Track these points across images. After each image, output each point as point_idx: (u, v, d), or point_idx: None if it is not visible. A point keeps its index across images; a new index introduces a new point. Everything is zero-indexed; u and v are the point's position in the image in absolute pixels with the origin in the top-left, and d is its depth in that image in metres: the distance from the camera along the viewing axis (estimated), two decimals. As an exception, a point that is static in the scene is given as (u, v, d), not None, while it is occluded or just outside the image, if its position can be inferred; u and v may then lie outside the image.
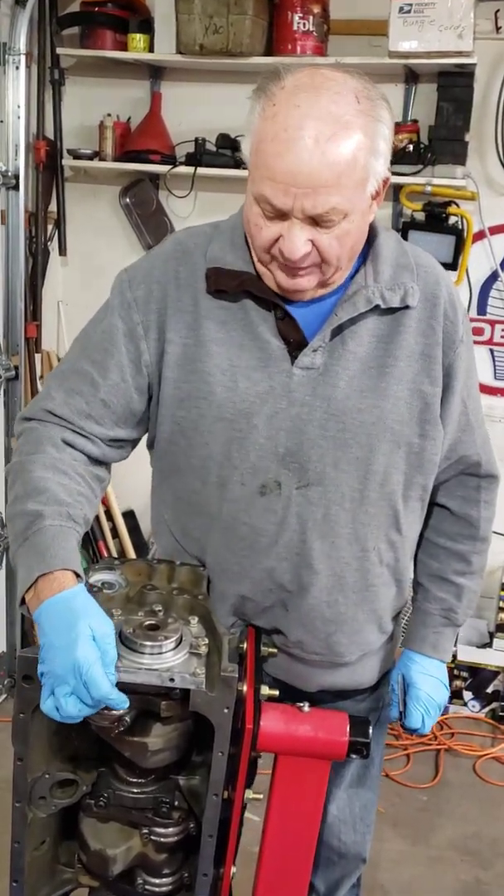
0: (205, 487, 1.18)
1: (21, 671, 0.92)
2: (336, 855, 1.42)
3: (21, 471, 1.10)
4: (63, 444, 1.14)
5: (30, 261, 2.88)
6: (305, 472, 1.15)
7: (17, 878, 1.02)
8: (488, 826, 2.40)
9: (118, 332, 1.17)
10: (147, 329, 1.16)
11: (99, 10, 2.71)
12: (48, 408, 1.16)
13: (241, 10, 2.47)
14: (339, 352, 1.13)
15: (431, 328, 1.17)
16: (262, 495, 1.16)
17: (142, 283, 1.18)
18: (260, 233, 1.07)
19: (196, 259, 1.17)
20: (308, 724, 1.08)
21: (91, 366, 1.16)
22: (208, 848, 1.00)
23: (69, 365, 1.19)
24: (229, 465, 1.16)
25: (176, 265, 1.17)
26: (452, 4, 2.38)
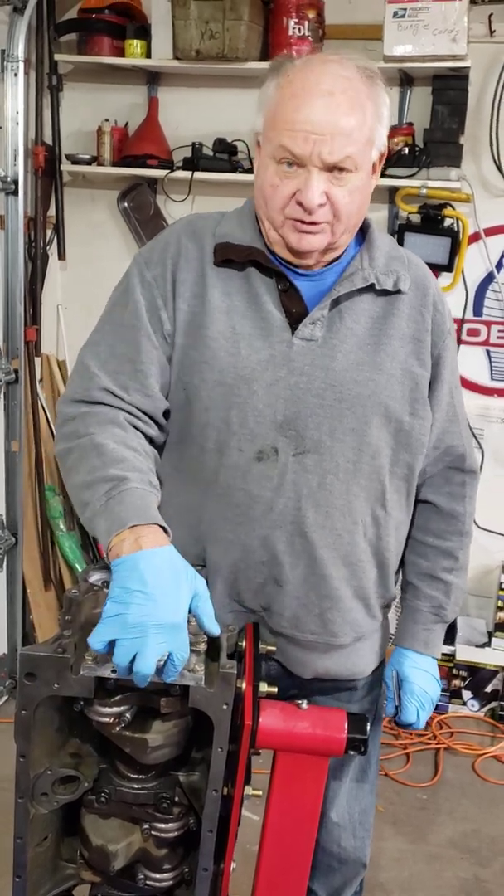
0: (203, 454, 1.22)
1: (24, 668, 0.93)
2: (336, 861, 1.42)
3: (93, 446, 1.11)
4: (126, 422, 1.16)
5: (29, 265, 2.89)
6: (302, 439, 1.19)
7: (20, 874, 1.03)
8: (487, 824, 2.41)
9: (142, 308, 1.22)
10: (165, 300, 1.22)
11: (96, 16, 2.73)
12: (99, 386, 1.18)
13: (237, 15, 2.50)
14: (337, 326, 1.20)
15: (421, 315, 1.25)
16: (258, 461, 1.19)
17: (158, 262, 1.24)
18: (276, 192, 1.15)
19: (205, 238, 1.24)
20: (306, 721, 1.09)
21: (125, 346, 1.21)
22: (208, 843, 1.01)
23: (105, 348, 1.22)
24: (227, 430, 1.19)
25: (186, 241, 1.24)
26: (446, 9, 2.40)
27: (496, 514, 2.89)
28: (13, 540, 2.83)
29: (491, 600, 2.89)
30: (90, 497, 1.06)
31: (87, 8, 2.75)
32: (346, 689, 1.35)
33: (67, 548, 3.06)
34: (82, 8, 2.77)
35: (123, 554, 0.96)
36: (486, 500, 2.93)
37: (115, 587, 0.94)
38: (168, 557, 0.97)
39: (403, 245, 2.67)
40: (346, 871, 1.44)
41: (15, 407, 2.77)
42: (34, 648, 0.93)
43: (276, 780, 1.11)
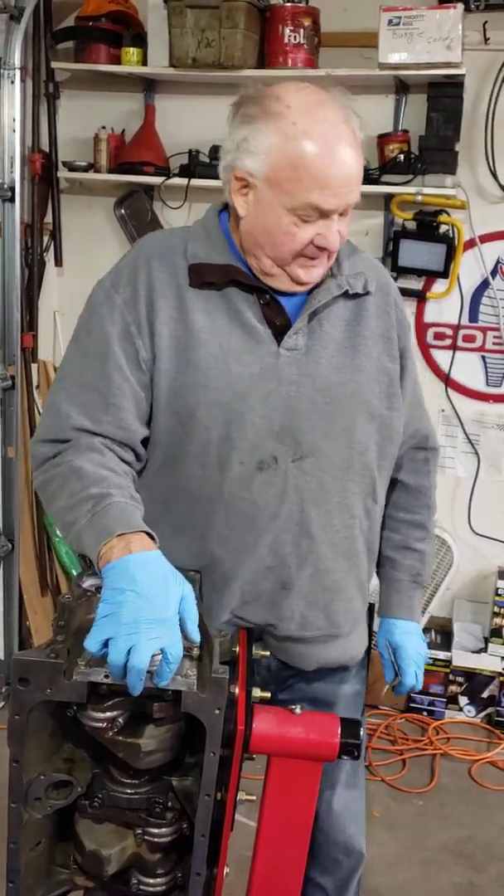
0: (204, 471, 1.23)
1: (17, 674, 0.94)
2: (342, 853, 1.45)
3: (72, 471, 1.13)
4: (102, 447, 1.18)
5: (26, 272, 2.90)
6: (299, 445, 1.23)
7: (14, 879, 1.03)
8: (482, 830, 2.41)
9: (112, 337, 1.21)
10: (139, 327, 1.21)
11: (93, 24, 2.74)
12: (69, 426, 1.19)
13: (233, 23, 2.51)
14: (317, 334, 1.25)
15: (387, 313, 1.31)
16: (260, 471, 1.23)
17: (127, 285, 1.23)
18: (294, 239, 1.16)
19: (175, 259, 1.24)
20: (299, 726, 1.10)
21: (93, 376, 1.21)
22: (201, 848, 1.02)
23: (73, 380, 1.22)
24: (228, 445, 1.22)
25: (156, 264, 1.24)
26: (441, 17, 2.42)
27: (492, 519, 2.90)
28: (9, 546, 2.83)
29: (487, 606, 2.89)
30: (74, 517, 1.08)
31: (84, 16, 2.76)
32: (343, 671, 1.40)
33: (64, 553, 3.06)
34: (79, 16, 2.79)
35: (113, 559, 0.98)
36: (481, 506, 2.96)
37: (106, 590, 0.96)
38: (157, 560, 0.99)
39: (399, 252, 2.70)
40: (352, 861, 1.48)
41: (12, 413, 2.77)
42: (27, 654, 0.94)
43: (270, 784, 1.12)
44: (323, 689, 1.38)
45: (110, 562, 0.98)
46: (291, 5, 2.58)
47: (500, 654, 2.83)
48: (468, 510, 2.90)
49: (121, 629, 0.91)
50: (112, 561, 0.98)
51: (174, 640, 0.92)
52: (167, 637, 0.92)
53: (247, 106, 1.16)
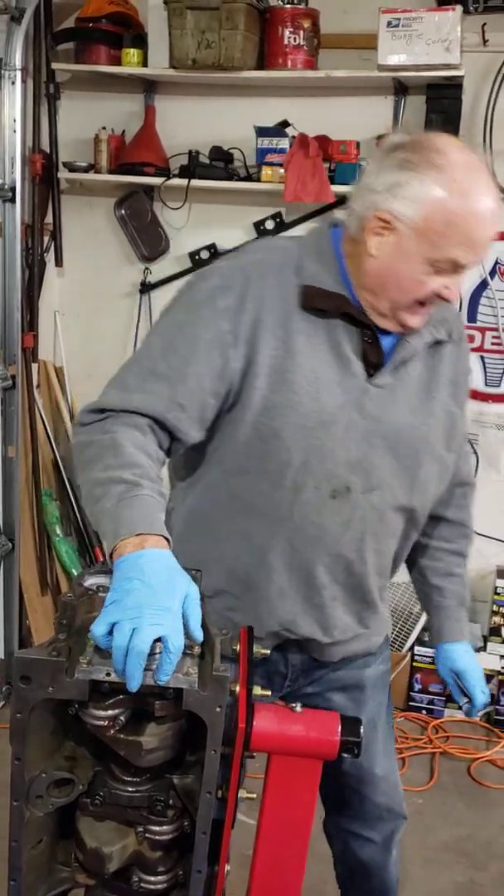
0: (275, 490, 1.26)
1: (19, 672, 0.94)
2: (385, 811, 1.55)
3: (112, 444, 1.12)
4: (147, 428, 1.18)
5: (26, 272, 2.91)
6: (370, 478, 1.28)
7: (15, 877, 1.03)
8: (482, 828, 2.42)
9: (201, 342, 1.20)
10: (237, 338, 1.21)
11: (93, 25, 2.75)
12: (127, 406, 1.18)
13: (233, 25, 2.52)
14: (401, 374, 1.29)
15: (459, 359, 1.37)
16: (332, 498, 1.27)
17: (235, 292, 1.22)
18: (422, 288, 1.20)
19: (286, 274, 1.24)
20: (300, 724, 1.10)
21: (170, 370, 1.20)
22: (202, 845, 1.02)
23: (148, 366, 1.22)
24: (306, 470, 1.25)
25: (269, 279, 1.24)
26: (440, 18, 2.43)
27: (491, 519, 2.91)
28: (10, 545, 2.83)
29: (486, 605, 2.90)
30: (101, 495, 1.08)
31: (85, 17, 2.77)
32: (367, 654, 1.47)
33: (64, 553, 3.06)
34: (79, 17, 2.80)
35: (126, 554, 1.00)
36: (480, 505, 2.93)
37: (115, 580, 0.98)
38: (166, 558, 1.01)
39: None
40: (394, 819, 1.57)
41: (12, 412, 2.78)
42: (29, 652, 0.94)
43: (270, 783, 1.12)
44: (351, 675, 1.45)
45: (123, 556, 1.00)
46: (291, 7, 2.59)
47: (499, 653, 2.84)
48: (467, 510, 2.91)
49: (126, 613, 0.93)
50: (124, 555, 1.00)
51: (176, 631, 0.93)
52: (169, 626, 0.93)
53: (405, 152, 1.17)
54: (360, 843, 1.57)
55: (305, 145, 2.62)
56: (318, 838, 1.99)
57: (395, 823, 1.57)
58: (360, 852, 1.57)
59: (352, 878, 1.63)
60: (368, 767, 1.49)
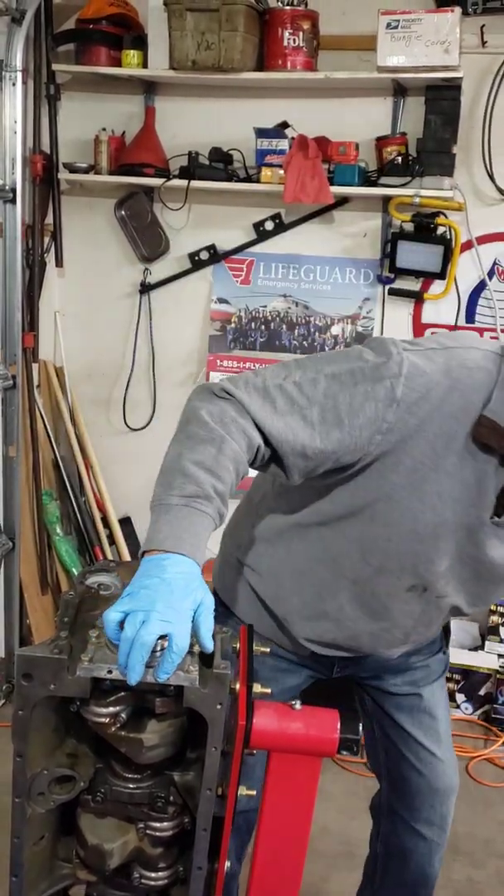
0: (362, 564, 1.32)
1: (21, 669, 0.95)
2: (440, 801, 1.57)
3: (220, 444, 1.10)
4: (253, 448, 1.15)
5: (27, 272, 2.92)
6: (447, 586, 1.34)
7: (17, 873, 1.04)
8: (481, 826, 2.43)
9: (362, 416, 1.16)
10: (391, 430, 1.17)
11: (93, 27, 2.76)
12: (260, 421, 1.15)
13: (232, 26, 2.52)
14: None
15: None
16: (408, 591, 1.33)
17: (415, 390, 1.16)
18: None
19: (472, 397, 1.18)
20: (300, 722, 1.11)
21: (320, 423, 1.16)
22: (203, 842, 1.03)
23: (304, 404, 1.16)
24: (397, 563, 1.30)
25: (456, 397, 1.17)
26: (439, 20, 2.43)
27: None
28: (10, 544, 2.84)
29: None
30: (177, 485, 1.07)
31: (85, 18, 2.77)
32: (427, 654, 1.53)
33: (64, 552, 3.07)
34: (80, 18, 2.80)
35: (153, 554, 1.03)
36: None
37: (137, 575, 1.00)
38: (190, 565, 1.02)
39: (396, 253, 2.72)
40: (443, 813, 1.58)
41: (13, 412, 2.78)
42: (31, 649, 0.95)
43: (270, 780, 1.13)
44: (406, 661, 1.51)
45: (151, 555, 1.03)
46: (290, 8, 2.59)
47: (496, 652, 2.84)
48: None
49: (139, 604, 0.94)
50: (153, 555, 1.02)
51: (183, 632, 0.94)
52: (178, 626, 0.94)
53: None
54: (408, 831, 1.58)
55: (305, 146, 2.63)
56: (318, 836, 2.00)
57: (441, 827, 1.58)
58: (407, 840, 1.58)
59: (389, 863, 1.64)
60: (432, 749, 1.53)
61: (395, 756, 1.56)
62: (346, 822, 2.35)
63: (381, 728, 1.57)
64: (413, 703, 1.53)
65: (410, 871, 1.60)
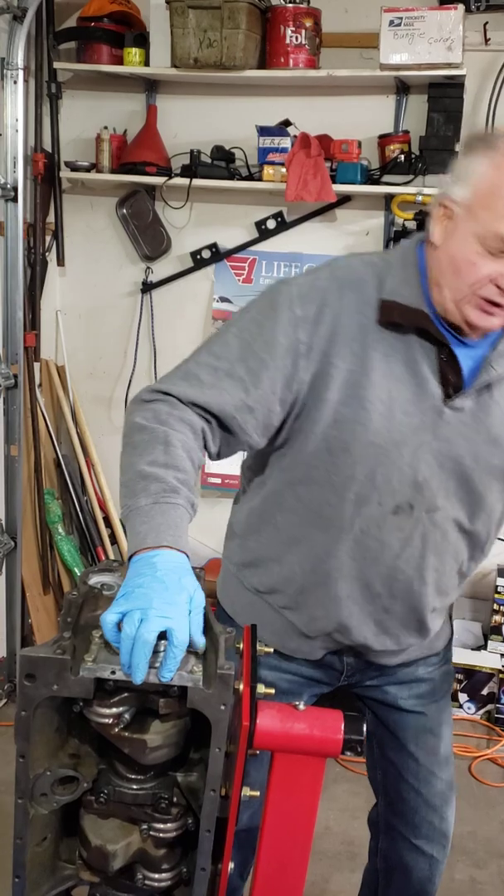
0: (341, 503, 1.27)
1: (23, 670, 0.94)
2: (438, 818, 1.51)
3: (165, 440, 1.12)
4: (199, 432, 1.18)
5: (28, 271, 2.91)
6: (435, 498, 1.27)
7: (20, 874, 1.04)
8: (483, 826, 2.42)
9: (278, 347, 1.20)
10: (309, 349, 1.21)
11: (95, 25, 2.75)
12: (197, 399, 1.18)
13: (235, 24, 2.52)
14: (485, 399, 1.25)
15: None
16: (394, 514, 1.28)
17: (312, 303, 1.21)
18: (473, 269, 1.15)
19: (367, 290, 1.22)
20: (303, 722, 1.10)
21: (246, 373, 1.20)
22: (206, 843, 1.02)
23: (225, 364, 1.21)
24: (371, 485, 1.26)
25: (348, 292, 1.22)
26: (442, 17, 2.43)
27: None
28: (12, 544, 2.84)
29: (487, 603, 2.90)
30: (140, 489, 1.08)
31: (86, 16, 2.77)
32: (426, 658, 1.47)
33: (66, 552, 3.07)
34: (81, 16, 2.79)
35: (142, 553, 1.02)
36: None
37: (128, 575, 1.00)
38: (180, 559, 1.02)
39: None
40: (443, 830, 1.52)
41: (14, 412, 2.78)
42: (34, 650, 0.95)
43: (274, 780, 1.13)
44: (410, 671, 1.46)
45: (139, 554, 1.02)
46: (293, 6, 2.59)
47: (499, 652, 2.84)
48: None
49: (135, 603, 0.94)
50: (140, 554, 1.02)
51: (182, 626, 0.94)
52: (176, 620, 0.93)
53: (475, 142, 1.20)
54: (408, 848, 1.53)
55: (307, 144, 2.62)
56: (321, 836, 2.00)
57: (441, 843, 1.53)
58: (408, 856, 1.54)
59: (391, 877, 1.60)
60: (430, 767, 1.49)
61: (394, 777, 1.52)
62: (348, 822, 2.34)
63: (381, 748, 1.52)
64: (418, 722, 1.48)
65: (412, 886, 1.56)
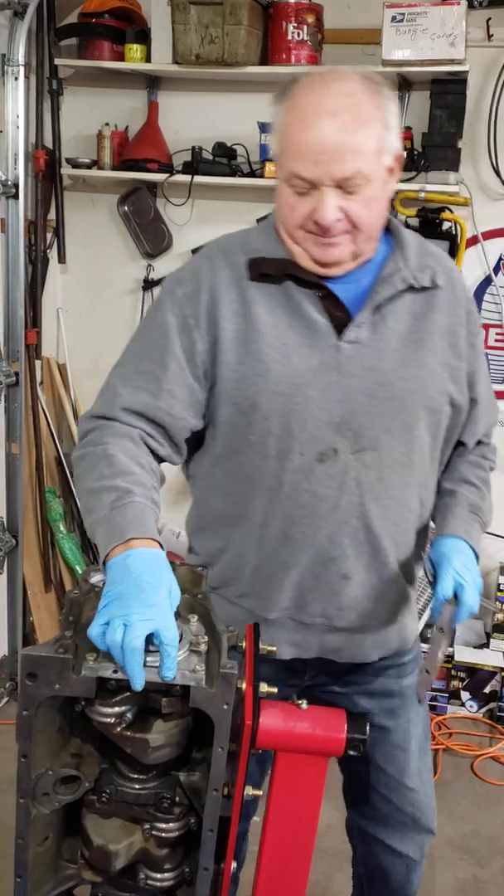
0: (265, 461, 1.26)
1: (25, 669, 0.94)
2: (412, 820, 1.48)
3: (105, 455, 1.16)
4: (139, 439, 1.21)
5: (29, 268, 2.91)
6: (360, 438, 1.25)
7: (21, 874, 1.03)
8: (486, 825, 2.42)
9: (171, 327, 1.25)
10: (197, 320, 1.25)
11: (96, 21, 2.75)
12: (120, 405, 1.23)
13: (237, 20, 2.51)
14: (380, 327, 1.25)
15: (454, 308, 1.31)
16: (320, 462, 1.25)
17: (189, 280, 1.28)
18: (294, 211, 1.19)
19: (236, 255, 1.28)
20: (306, 721, 1.10)
21: (151, 363, 1.25)
22: (209, 843, 1.02)
23: (131, 366, 1.27)
24: (288, 436, 1.24)
25: (218, 260, 1.28)
26: (444, 13, 2.42)
27: (495, 516, 2.89)
28: (14, 542, 2.83)
29: (489, 602, 2.90)
30: (95, 504, 1.11)
31: (88, 12, 2.76)
32: (400, 665, 1.43)
33: (68, 549, 3.06)
34: (82, 12, 2.78)
35: (115, 556, 1.02)
36: (484, 503, 2.95)
37: (106, 583, 1.00)
38: (153, 555, 1.02)
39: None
40: (421, 832, 1.50)
41: (15, 409, 2.78)
42: (35, 649, 0.94)
43: (276, 780, 1.12)
44: (381, 683, 1.42)
45: (111, 559, 1.02)
46: (295, 2, 2.58)
47: (502, 650, 2.84)
48: (471, 507, 2.90)
49: (115, 612, 0.94)
50: (113, 558, 1.02)
51: (167, 625, 0.94)
52: (159, 620, 0.94)
53: (276, 95, 1.22)
54: (384, 851, 1.51)
55: (309, 141, 2.61)
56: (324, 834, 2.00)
57: (422, 838, 1.50)
58: (384, 859, 1.52)
59: (370, 881, 1.59)
60: (399, 779, 1.45)
61: (362, 787, 1.48)
62: (350, 821, 2.34)
63: (346, 761, 1.44)
64: (386, 737, 1.43)
65: (391, 888, 1.54)
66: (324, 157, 1.13)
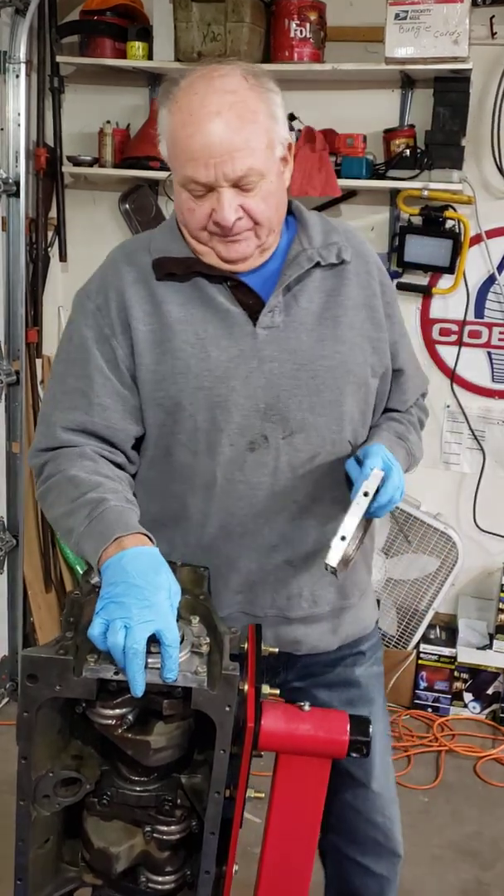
0: (196, 457, 1.25)
1: (26, 670, 0.93)
2: (382, 834, 1.46)
3: (67, 479, 1.17)
4: (93, 454, 1.22)
5: (30, 267, 2.90)
6: (287, 421, 1.24)
7: (22, 876, 1.03)
8: (489, 826, 2.41)
9: (88, 340, 1.25)
10: (112, 328, 1.24)
11: (98, 18, 2.73)
12: (58, 431, 1.23)
13: (239, 17, 2.50)
14: (294, 309, 1.25)
15: (367, 282, 1.30)
16: (251, 451, 1.24)
17: (98, 291, 1.27)
18: (193, 214, 1.18)
19: (140, 257, 1.27)
20: (308, 723, 1.09)
21: (76, 380, 1.25)
22: (210, 845, 1.01)
23: (58, 388, 1.27)
24: (216, 429, 1.23)
25: (123, 265, 1.27)
26: (448, 11, 2.40)
27: (497, 516, 2.89)
28: (14, 542, 2.83)
29: (492, 602, 2.88)
30: (73, 523, 1.11)
31: (89, 10, 2.75)
32: (358, 654, 1.41)
33: (68, 549, 3.06)
34: (84, 10, 2.77)
35: (108, 559, 1.02)
36: (486, 503, 2.95)
37: (103, 585, 0.99)
38: (148, 554, 1.02)
39: (404, 247, 2.69)
40: (389, 855, 1.47)
41: (16, 408, 2.77)
42: (36, 650, 0.93)
43: (278, 782, 1.11)
44: (338, 672, 1.40)
45: (106, 561, 1.02)
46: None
47: (505, 651, 2.83)
48: (473, 507, 2.89)
49: (115, 614, 0.94)
50: (107, 560, 1.02)
51: (167, 625, 0.93)
52: (160, 621, 0.93)
53: (160, 97, 1.22)
54: (356, 870, 1.47)
55: (312, 139, 2.60)
56: (324, 837, 1.96)
57: (390, 860, 1.47)
58: (356, 880, 1.48)
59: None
60: (364, 781, 1.42)
61: (328, 792, 1.47)
62: (352, 822, 2.33)
63: None
64: None
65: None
66: (215, 159, 1.12)
